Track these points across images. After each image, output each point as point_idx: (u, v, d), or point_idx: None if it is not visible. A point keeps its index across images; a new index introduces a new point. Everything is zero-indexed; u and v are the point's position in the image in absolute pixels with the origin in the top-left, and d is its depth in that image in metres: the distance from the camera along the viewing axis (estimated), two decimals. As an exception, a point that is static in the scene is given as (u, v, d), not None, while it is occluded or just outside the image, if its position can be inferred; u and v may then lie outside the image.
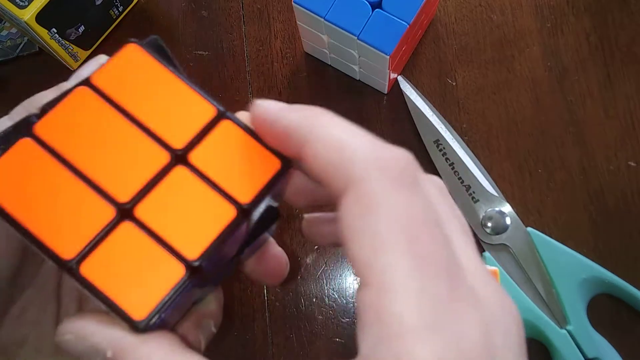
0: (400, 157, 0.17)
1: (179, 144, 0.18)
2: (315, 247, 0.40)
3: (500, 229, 0.39)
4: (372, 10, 0.38)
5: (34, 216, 0.17)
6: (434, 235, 0.16)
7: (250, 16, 0.46)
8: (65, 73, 0.22)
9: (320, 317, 0.39)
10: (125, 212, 0.18)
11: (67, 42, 0.43)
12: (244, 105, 0.19)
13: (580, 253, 0.38)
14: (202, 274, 0.18)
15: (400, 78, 0.43)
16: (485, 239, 0.39)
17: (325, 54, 0.43)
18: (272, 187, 0.19)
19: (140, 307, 0.17)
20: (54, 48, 0.43)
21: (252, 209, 0.18)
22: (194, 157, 0.18)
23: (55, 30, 0.42)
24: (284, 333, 0.39)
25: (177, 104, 0.19)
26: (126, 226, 0.18)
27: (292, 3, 0.39)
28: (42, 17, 0.40)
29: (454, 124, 0.42)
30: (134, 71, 0.19)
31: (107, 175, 0.18)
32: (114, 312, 0.17)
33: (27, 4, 0.40)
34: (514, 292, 0.37)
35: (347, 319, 0.39)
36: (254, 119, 0.19)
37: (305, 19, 0.40)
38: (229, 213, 0.18)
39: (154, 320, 0.17)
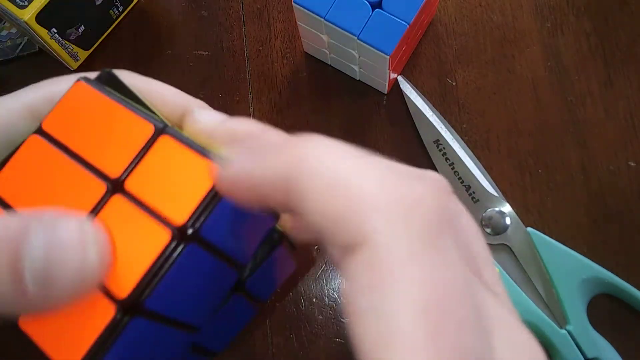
0: (428, 195, 0.12)
1: (116, 172, 0.18)
2: (315, 247, 0.40)
3: (500, 229, 0.39)
4: (372, 10, 0.38)
5: None
6: (465, 321, 0.12)
7: (250, 16, 0.46)
8: (65, 73, 0.22)
9: (320, 317, 0.39)
10: None
11: (67, 42, 0.43)
12: (244, 105, 0.19)
13: (580, 253, 0.38)
14: (140, 312, 0.16)
15: (400, 78, 0.43)
16: (485, 239, 0.39)
17: (325, 54, 0.43)
18: (213, 201, 0.17)
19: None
20: (54, 48, 0.43)
21: (192, 229, 0.17)
22: (130, 183, 0.18)
23: (55, 30, 0.42)
24: (284, 333, 0.39)
25: (120, 131, 0.19)
26: None
27: (292, 3, 0.39)
28: (42, 17, 0.40)
29: (454, 124, 0.42)
30: (82, 109, 0.19)
31: None
32: None
33: (27, 3, 0.40)
34: (514, 292, 0.37)
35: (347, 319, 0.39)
36: (220, 184, 0.16)
37: (305, 19, 0.40)
38: (164, 237, 0.16)
39: None
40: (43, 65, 0.46)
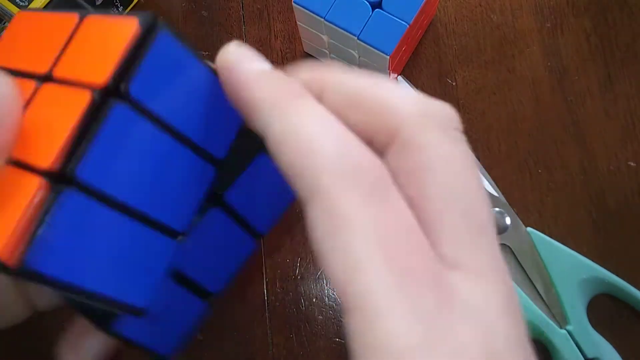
0: (372, 163, 0.15)
1: (45, 68, 0.17)
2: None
3: (500, 229, 0.39)
4: (372, 10, 0.38)
5: None
6: (414, 244, 0.15)
7: (250, 16, 0.46)
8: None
9: (320, 317, 0.40)
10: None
11: (67, 42, 0.44)
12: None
13: (580, 253, 0.38)
14: (72, 183, 0.15)
15: (400, 78, 0.43)
16: (485, 239, 0.39)
17: (325, 54, 0.43)
18: (138, 54, 0.16)
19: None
20: (54, 48, 0.43)
21: (113, 86, 0.16)
22: (57, 70, 0.17)
23: (55, 31, 0.42)
24: (284, 333, 0.39)
25: (52, 33, 0.18)
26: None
27: (292, 3, 0.39)
28: (42, 17, 0.41)
29: (454, 124, 0.42)
30: (19, 30, 0.19)
31: None
32: None
33: (27, 4, 0.40)
34: (514, 292, 0.37)
35: (347, 319, 0.39)
36: (220, 70, 0.17)
37: (305, 19, 0.40)
38: (85, 99, 0.15)
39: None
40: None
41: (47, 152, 0.15)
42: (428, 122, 0.16)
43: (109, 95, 0.16)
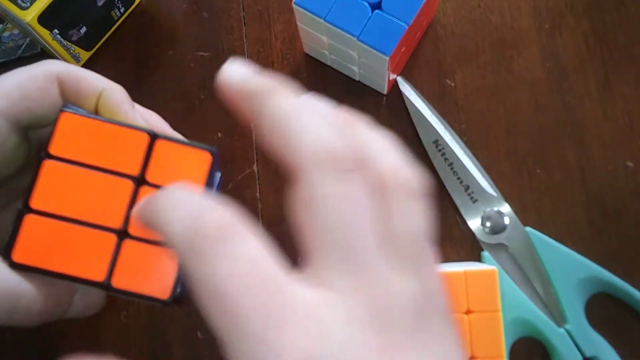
0: (348, 148, 0.18)
1: (135, 171, 0.23)
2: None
3: (498, 229, 0.39)
4: (372, 11, 0.38)
5: (60, 262, 0.22)
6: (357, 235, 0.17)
7: (251, 17, 0.47)
8: (68, 73, 0.23)
9: (320, 316, 0.40)
10: (122, 234, 0.23)
11: (69, 43, 0.44)
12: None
13: (578, 252, 0.38)
14: None
15: (399, 79, 0.44)
16: (484, 238, 0.40)
17: (325, 55, 0.43)
18: (212, 175, 0.24)
19: (165, 289, 0.22)
20: (56, 49, 0.43)
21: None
22: (150, 176, 0.23)
23: (57, 32, 0.42)
24: (284, 332, 0.39)
25: (119, 142, 0.24)
26: (127, 243, 0.23)
27: (292, 4, 0.39)
28: (44, 18, 0.41)
29: (453, 124, 0.42)
30: (77, 132, 0.24)
31: (98, 214, 0.23)
32: (147, 301, 0.22)
33: (29, 5, 0.40)
34: (513, 291, 0.38)
35: (347, 318, 0.40)
36: (220, 83, 0.20)
37: (306, 20, 0.40)
38: None
39: (177, 291, 0.22)
40: (45, 66, 0.46)
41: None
42: (324, 164, 0.18)
43: None
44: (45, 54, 0.46)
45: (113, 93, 0.26)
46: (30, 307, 0.23)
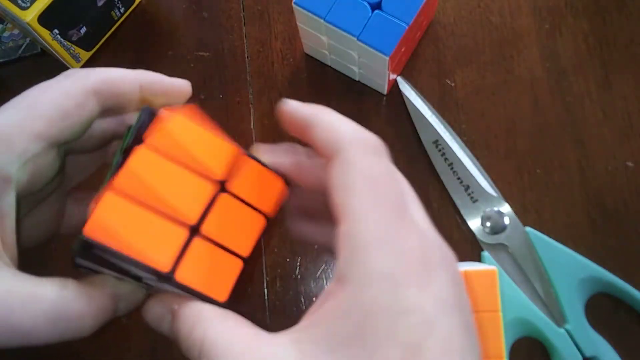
0: (374, 138, 0.23)
1: (220, 176, 0.25)
2: (315, 246, 0.41)
3: (498, 229, 0.39)
4: (372, 11, 0.38)
5: (128, 246, 0.22)
6: (389, 184, 0.21)
7: (251, 17, 0.47)
8: (68, 73, 0.22)
9: (320, 316, 0.40)
10: (194, 231, 0.23)
11: (69, 43, 0.44)
12: (245, 106, 0.20)
13: (578, 252, 0.38)
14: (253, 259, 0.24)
15: (399, 79, 0.44)
16: (484, 238, 0.40)
17: (325, 55, 0.43)
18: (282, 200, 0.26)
19: (223, 291, 0.23)
20: (56, 49, 0.43)
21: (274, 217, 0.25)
22: (232, 187, 0.25)
23: (57, 32, 0.42)
24: (284, 332, 0.40)
25: (208, 147, 0.25)
26: (197, 241, 0.23)
27: (293, 4, 0.39)
28: (44, 18, 0.41)
29: (453, 124, 0.42)
30: (174, 130, 0.25)
31: (176, 208, 0.23)
32: (203, 300, 0.23)
33: (29, 5, 0.40)
34: (513, 291, 0.38)
35: (347, 318, 0.40)
36: (280, 111, 0.25)
37: (306, 20, 0.40)
38: (261, 221, 0.25)
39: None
40: (45, 67, 0.46)
41: (244, 248, 0.24)
42: (359, 147, 0.22)
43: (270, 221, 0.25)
44: (45, 54, 0.46)
45: (148, 76, 0.27)
46: (83, 325, 0.24)
